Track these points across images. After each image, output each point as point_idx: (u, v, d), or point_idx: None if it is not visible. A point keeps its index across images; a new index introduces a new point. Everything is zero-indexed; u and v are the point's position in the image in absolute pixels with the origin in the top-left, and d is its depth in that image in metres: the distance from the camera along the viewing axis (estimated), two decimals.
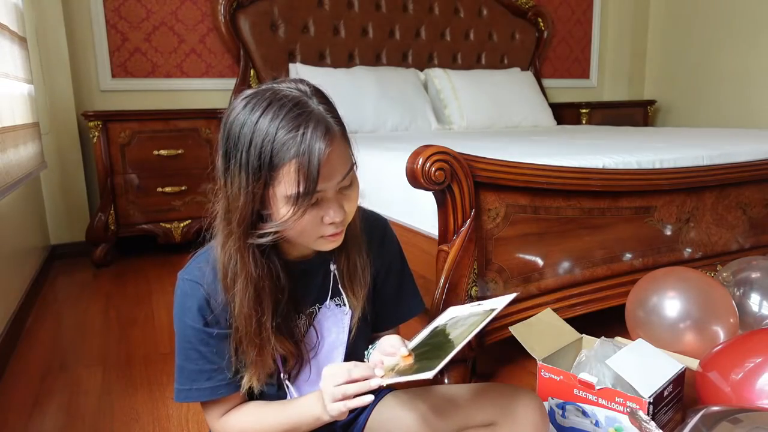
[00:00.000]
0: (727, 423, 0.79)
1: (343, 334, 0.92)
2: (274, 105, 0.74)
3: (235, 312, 0.82)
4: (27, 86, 2.34)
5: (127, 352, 1.76)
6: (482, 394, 0.92)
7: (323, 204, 0.77)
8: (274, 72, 3.12)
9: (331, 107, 0.79)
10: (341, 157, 0.77)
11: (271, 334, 0.83)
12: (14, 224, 2.14)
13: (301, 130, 0.72)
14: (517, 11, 3.78)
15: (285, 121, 0.72)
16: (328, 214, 0.78)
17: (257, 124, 0.73)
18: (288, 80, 0.79)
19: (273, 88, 0.77)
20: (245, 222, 0.77)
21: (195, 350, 0.85)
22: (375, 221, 0.99)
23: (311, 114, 0.74)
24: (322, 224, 0.79)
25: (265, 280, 0.82)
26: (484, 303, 0.88)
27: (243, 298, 0.81)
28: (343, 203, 0.79)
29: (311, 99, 0.76)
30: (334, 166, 0.75)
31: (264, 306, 0.82)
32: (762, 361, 1.11)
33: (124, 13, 2.94)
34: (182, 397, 0.87)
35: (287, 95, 0.75)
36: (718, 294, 1.47)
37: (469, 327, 0.79)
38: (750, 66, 3.62)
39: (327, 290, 0.92)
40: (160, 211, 2.81)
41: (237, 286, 0.81)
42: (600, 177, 1.60)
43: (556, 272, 1.62)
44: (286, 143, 0.72)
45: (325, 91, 0.81)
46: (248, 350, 0.84)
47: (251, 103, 0.75)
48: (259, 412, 0.89)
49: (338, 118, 0.79)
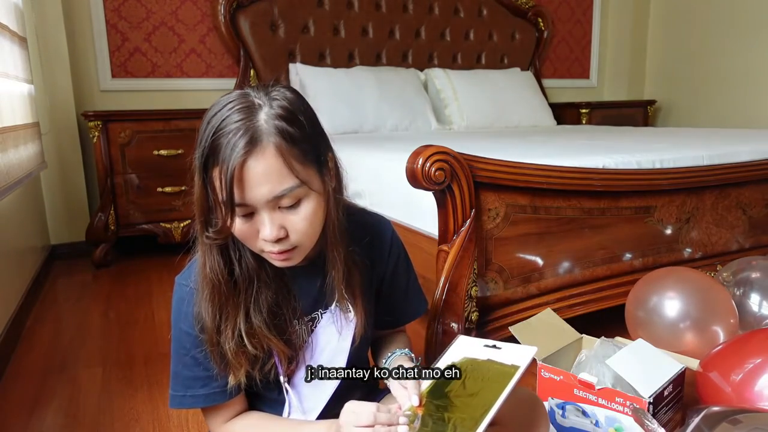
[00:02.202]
0: (727, 424, 0.79)
1: (347, 342, 0.91)
2: (228, 108, 0.73)
3: (201, 309, 0.81)
4: (27, 86, 2.34)
5: (127, 352, 1.76)
6: None
7: (257, 218, 0.75)
8: (274, 72, 3.13)
9: (290, 124, 0.74)
10: (270, 174, 0.72)
11: (232, 342, 0.81)
12: (14, 224, 2.14)
13: (228, 137, 0.71)
14: (517, 11, 3.78)
15: (224, 126, 0.72)
16: (262, 231, 0.75)
17: (207, 124, 0.73)
18: (273, 86, 0.77)
19: (245, 92, 0.76)
20: (201, 218, 0.77)
21: (190, 356, 0.84)
22: (379, 226, 0.98)
23: (251, 125, 0.72)
24: (260, 240, 0.77)
25: (224, 282, 0.80)
26: (502, 347, 0.82)
27: (200, 300, 0.81)
28: (284, 223, 0.76)
29: (263, 108, 0.73)
30: (257, 180, 0.72)
31: (222, 310, 0.80)
32: (762, 362, 1.11)
33: (124, 13, 2.94)
34: (176, 404, 0.86)
35: (246, 102, 0.74)
36: (719, 294, 1.47)
37: (490, 391, 0.74)
38: (750, 66, 3.62)
39: (329, 296, 0.89)
40: (160, 211, 2.81)
41: (199, 282, 0.81)
42: (600, 177, 1.60)
43: (556, 272, 1.62)
44: (218, 147, 0.71)
45: (300, 109, 0.77)
46: (212, 357, 0.82)
47: (217, 103, 0.75)
48: (265, 427, 0.88)
49: (291, 138, 0.73)
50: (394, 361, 0.95)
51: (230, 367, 0.83)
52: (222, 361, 0.83)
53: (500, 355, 0.81)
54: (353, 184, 2.15)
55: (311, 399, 0.91)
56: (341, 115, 2.97)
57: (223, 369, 0.83)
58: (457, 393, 0.78)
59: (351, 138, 2.77)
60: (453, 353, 0.86)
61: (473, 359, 0.83)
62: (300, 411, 0.91)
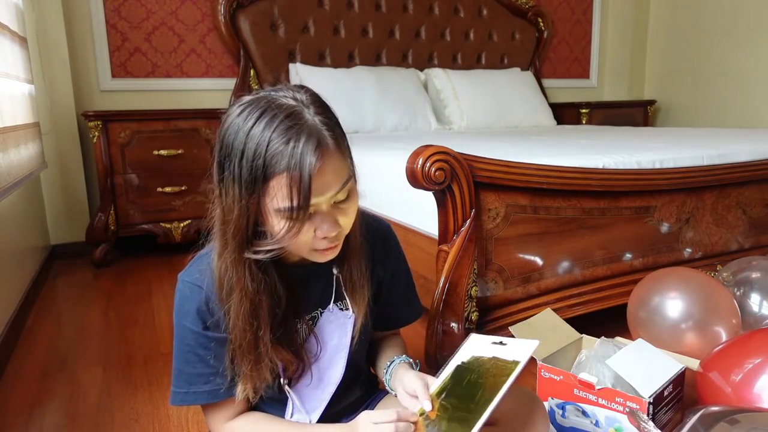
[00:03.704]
0: (725, 423, 0.79)
1: (346, 339, 0.91)
2: (267, 114, 0.71)
3: (230, 325, 0.81)
4: (27, 86, 2.34)
5: (127, 352, 1.76)
6: None
7: (316, 218, 0.75)
8: (274, 72, 3.13)
9: (328, 117, 0.76)
10: (335, 171, 0.74)
11: (268, 347, 0.81)
12: (14, 224, 2.14)
13: (291, 143, 0.69)
14: (517, 11, 3.78)
15: (277, 132, 0.70)
16: (321, 228, 0.75)
17: (249, 134, 0.71)
18: (287, 87, 0.77)
19: (269, 96, 0.74)
20: (240, 235, 0.75)
21: (193, 353, 0.84)
22: (378, 227, 0.98)
23: (304, 126, 0.71)
24: (316, 238, 0.77)
25: (262, 294, 0.80)
26: (507, 342, 0.84)
27: (238, 312, 0.79)
28: (337, 217, 0.77)
29: (307, 109, 0.74)
30: (326, 180, 0.73)
31: (261, 320, 0.80)
32: (762, 362, 1.11)
33: (124, 13, 2.94)
34: (178, 400, 0.86)
35: (282, 104, 0.73)
36: (721, 295, 1.47)
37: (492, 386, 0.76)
38: (750, 66, 3.62)
39: (329, 294, 0.90)
40: (160, 211, 2.81)
41: (233, 299, 0.79)
42: (600, 177, 1.60)
43: (556, 272, 1.62)
44: (276, 156, 0.69)
45: (324, 100, 0.79)
46: (242, 363, 0.82)
47: (246, 111, 0.73)
48: (270, 429, 0.88)
49: (335, 130, 0.76)
50: (397, 369, 0.95)
51: (248, 378, 0.83)
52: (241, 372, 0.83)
53: (504, 351, 0.82)
54: None
55: (313, 399, 0.92)
56: (341, 115, 2.84)
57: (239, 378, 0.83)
58: (463, 393, 0.79)
59: (351, 138, 2.72)
60: (463, 352, 0.88)
61: (480, 357, 0.84)
62: (302, 411, 0.91)
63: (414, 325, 1.09)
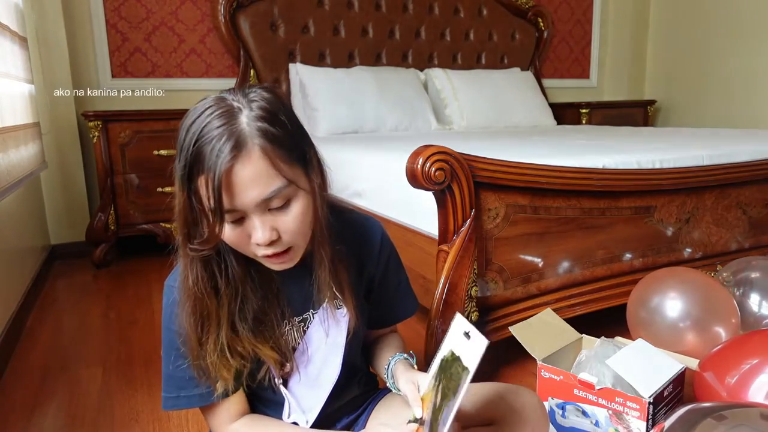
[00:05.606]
0: (711, 420, 0.78)
1: (341, 337, 0.91)
2: (205, 115, 0.71)
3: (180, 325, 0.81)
4: (27, 86, 2.34)
5: (127, 352, 1.76)
6: (483, 394, 0.92)
7: (248, 223, 0.74)
8: (274, 72, 3.13)
9: (272, 124, 0.73)
10: (258, 177, 0.71)
11: (224, 345, 0.80)
12: (14, 224, 2.14)
13: (213, 144, 0.70)
14: (517, 11, 3.78)
15: (206, 133, 0.70)
16: (254, 235, 0.75)
17: (186, 132, 0.72)
18: (249, 89, 0.76)
19: (217, 97, 0.74)
20: (183, 230, 0.75)
21: (182, 357, 0.83)
22: (367, 226, 0.98)
23: (231, 128, 0.70)
24: (252, 243, 0.76)
25: (207, 295, 0.79)
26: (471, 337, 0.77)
27: (181, 312, 0.80)
28: (275, 225, 0.75)
29: (244, 111, 0.72)
30: (245, 185, 0.71)
31: (204, 324, 0.80)
32: (758, 363, 1.11)
33: (124, 13, 2.95)
34: (170, 405, 0.86)
35: (223, 105, 0.72)
36: (721, 295, 1.47)
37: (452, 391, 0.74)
38: (750, 66, 3.62)
39: (316, 295, 0.88)
40: (160, 211, 2.80)
41: (180, 297, 0.80)
42: (600, 177, 1.60)
43: (556, 272, 1.62)
44: (201, 156, 0.70)
45: (282, 106, 0.76)
46: (195, 371, 0.82)
47: (194, 110, 0.73)
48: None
49: (275, 137, 0.72)
50: (397, 367, 0.95)
51: (212, 379, 0.82)
52: (204, 374, 0.82)
53: (466, 349, 0.77)
54: (353, 184, 2.16)
55: (309, 399, 0.92)
56: (341, 115, 2.97)
57: (206, 380, 0.83)
58: (444, 393, 0.78)
59: (351, 138, 2.77)
60: (448, 341, 0.83)
61: (452, 354, 0.80)
62: (299, 411, 0.91)
63: (414, 325, 1.09)
